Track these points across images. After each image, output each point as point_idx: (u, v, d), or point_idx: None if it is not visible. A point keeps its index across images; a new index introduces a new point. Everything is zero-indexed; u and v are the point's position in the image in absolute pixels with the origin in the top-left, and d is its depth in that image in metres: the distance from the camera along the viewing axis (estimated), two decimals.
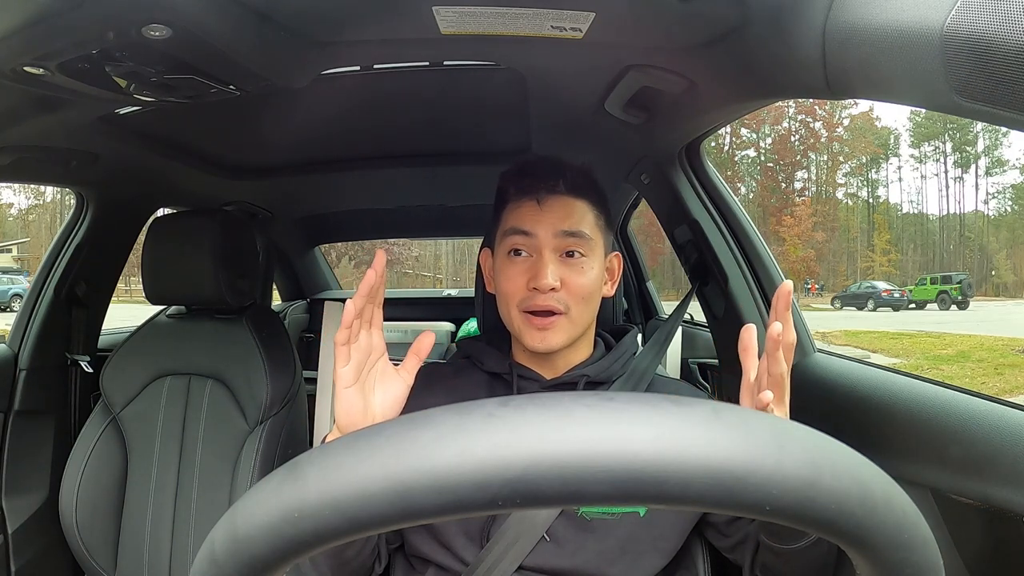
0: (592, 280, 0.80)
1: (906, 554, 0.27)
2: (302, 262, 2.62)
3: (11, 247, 30.39)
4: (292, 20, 0.71)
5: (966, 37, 0.43)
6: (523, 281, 0.78)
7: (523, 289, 0.78)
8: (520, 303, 0.79)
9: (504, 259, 0.81)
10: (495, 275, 0.84)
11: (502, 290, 0.81)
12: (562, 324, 0.78)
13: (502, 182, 0.85)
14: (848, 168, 44.42)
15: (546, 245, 0.78)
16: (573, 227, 0.79)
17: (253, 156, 1.43)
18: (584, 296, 0.79)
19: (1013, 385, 7.89)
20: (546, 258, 0.78)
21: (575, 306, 0.79)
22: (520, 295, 0.79)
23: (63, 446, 1.37)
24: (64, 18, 0.60)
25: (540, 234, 0.78)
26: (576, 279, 0.79)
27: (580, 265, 0.79)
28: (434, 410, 0.28)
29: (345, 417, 0.62)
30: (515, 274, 0.79)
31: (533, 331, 0.78)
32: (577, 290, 0.78)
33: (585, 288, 0.79)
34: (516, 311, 0.79)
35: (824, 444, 0.27)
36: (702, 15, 0.68)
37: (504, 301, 0.81)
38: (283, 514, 0.26)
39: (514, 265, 0.80)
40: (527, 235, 0.79)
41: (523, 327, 0.79)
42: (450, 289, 3.24)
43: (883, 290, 23.70)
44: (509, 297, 0.80)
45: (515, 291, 0.79)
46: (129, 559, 1.27)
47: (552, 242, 0.78)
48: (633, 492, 0.25)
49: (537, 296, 0.77)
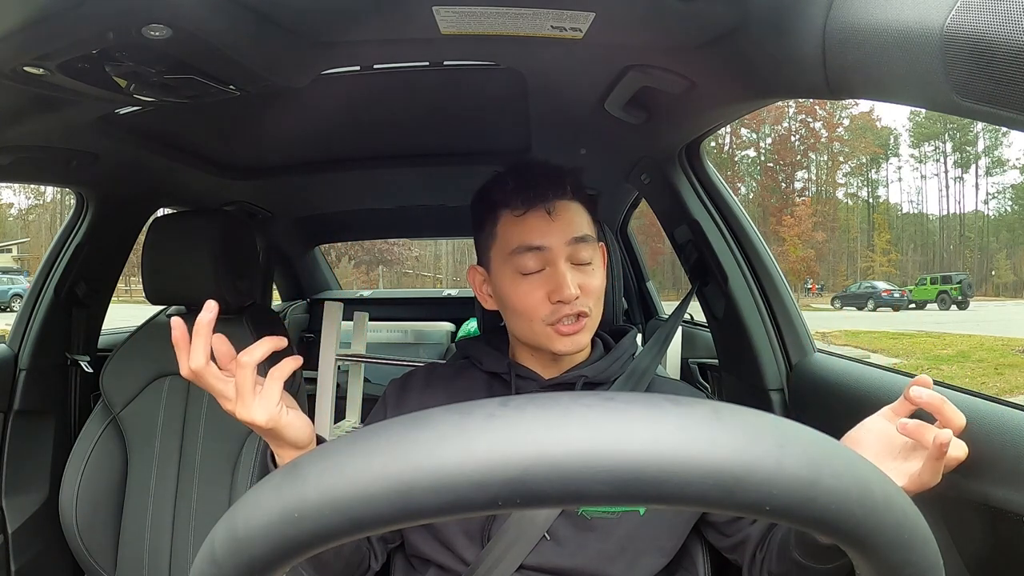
0: (602, 279, 0.80)
1: (906, 554, 0.27)
2: (302, 262, 2.62)
3: (11, 247, 30.39)
4: (292, 20, 0.71)
5: (966, 37, 0.43)
6: (542, 295, 0.77)
7: (545, 303, 0.77)
8: (546, 318, 0.77)
9: (513, 277, 0.78)
10: (502, 294, 0.80)
11: (519, 308, 0.78)
12: (587, 324, 0.79)
13: (498, 194, 0.80)
14: (848, 168, 44.45)
15: (560, 256, 0.77)
16: (580, 232, 0.78)
17: (253, 156, 1.43)
18: (599, 295, 0.80)
19: (1013, 385, 7.89)
20: (562, 268, 0.76)
21: (594, 306, 0.79)
22: (544, 310, 0.77)
23: (63, 446, 1.37)
24: (64, 18, 0.60)
25: (553, 246, 0.76)
26: (591, 282, 0.78)
27: (591, 267, 0.79)
28: (434, 410, 0.28)
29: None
30: (531, 290, 0.77)
31: (563, 337, 0.77)
32: (593, 292, 0.79)
33: (599, 288, 0.80)
34: (541, 326, 0.77)
35: (824, 444, 0.27)
36: (702, 15, 0.68)
37: (523, 318, 0.78)
38: (283, 514, 0.26)
39: (528, 282, 0.77)
40: (539, 250, 0.77)
41: (550, 336, 0.77)
42: (450, 289, 3.24)
43: (883, 290, 23.72)
44: (531, 313, 0.77)
45: (536, 306, 0.77)
46: (129, 559, 1.27)
47: (565, 251, 0.77)
48: (633, 492, 0.25)
49: (563, 308, 0.76)
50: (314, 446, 0.65)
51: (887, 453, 0.60)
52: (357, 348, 1.75)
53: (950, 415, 0.57)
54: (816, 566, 0.66)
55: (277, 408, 0.60)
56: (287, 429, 0.61)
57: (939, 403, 0.58)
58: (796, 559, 0.68)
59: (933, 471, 0.55)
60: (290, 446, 0.63)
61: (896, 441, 0.60)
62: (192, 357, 0.58)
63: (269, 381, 0.60)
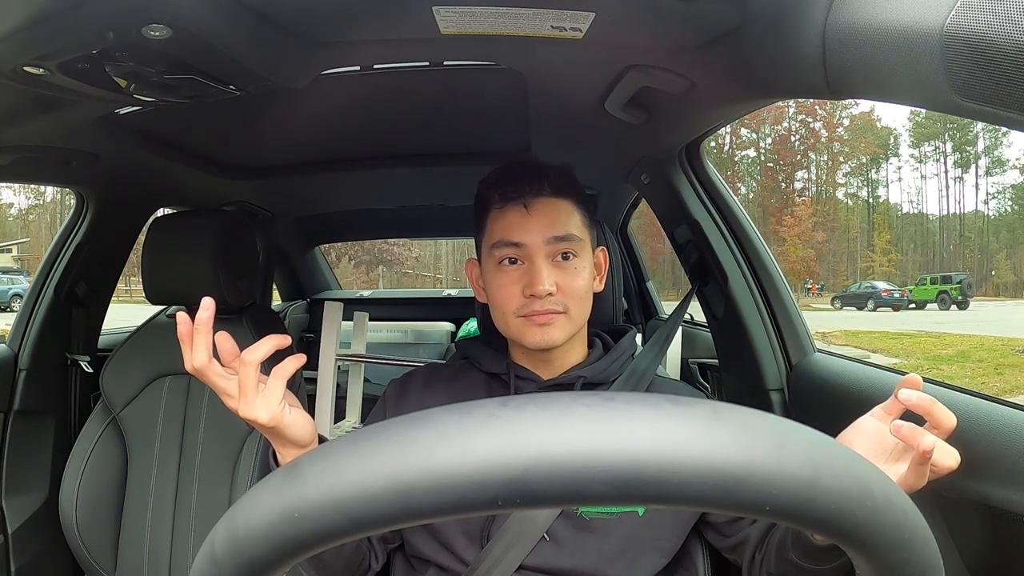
0: (587, 280, 0.80)
1: (906, 554, 0.27)
2: (302, 262, 2.62)
3: (11, 247, 30.39)
4: (292, 20, 0.71)
5: (966, 37, 0.43)
6: (517, 289, 0.78)
7: (518, 297, 0.78)
8: (517, 310, 0.78)
9: (495, 269, 0.80)
10: (486, 286, 0.83)
11: (495, 300, 0.80)
12: (562, 321, 0.78)
13: (483, 190, 0.82)
14: (848, 168, 44.45)
15: (538, 252, 0.77)
16: (562, 231, 0.78)
17: (253, 156, 1.43)
18: (581, 296, 0.79)
19: (1013, 385, 7.88)
20: (539, 264, 0.77)
21: (574, 306, 0.79)
22: (516, 303, 0.78)
23: (63, 446, 1.37)
24: (64, 18, 0.60)
25: (530, 242, 0.77)
26: (571, 281, 0.78)
27: (573, 266, 0.79)
28: (434, 410, 0.28)
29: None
30: (508, 282, 0.78)
31: (534, 328, 0.78)
32: (573, 291, 0.78)
33: (581, 288, 0.79)
34: (513, 318, 0.79)
35: (824, 444, 0.27)
36: (702, 15, 0.68)
37: (499, 310, 0.80)
38: (283, 514, 0.26)
39: (506, 274, 0.79)
40: (517, 246, 0.78)
41: (522, 328, 0.78)
42: (450, 289, 3.24)
43: (883, 290, 23.72)
44: (504, 305, 0.79)
45: (510, 299, 0.78)
46: (129, 559, 1.27)
47: (544, 249, 0.77)
48: (633, 492, 0.25)
49: (535, 302, 0.77)
50: (316, 445, 0.65)
51: (879, 453, 0.60)
52: (357, 348, 1.75)
53: (939, 416, 0.56)
54: (813, 567, 0.66)
55: (280, 407, 0.60)
56: (289, 428, 0.61)
57: (928, 404, 0.57)
58: (793, 560, 0.68)
59: (917, 475, 0.55)
60: (292, 445, 0.63)
61: (888, 441, 0.59)
62: (194, 355, 0.58)
63: (272, 380, 0.60)
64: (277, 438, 0.63)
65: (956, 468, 0.56)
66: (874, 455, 0.60)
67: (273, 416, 0.59)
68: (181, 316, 0.57)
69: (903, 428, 0.56)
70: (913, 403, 0.57)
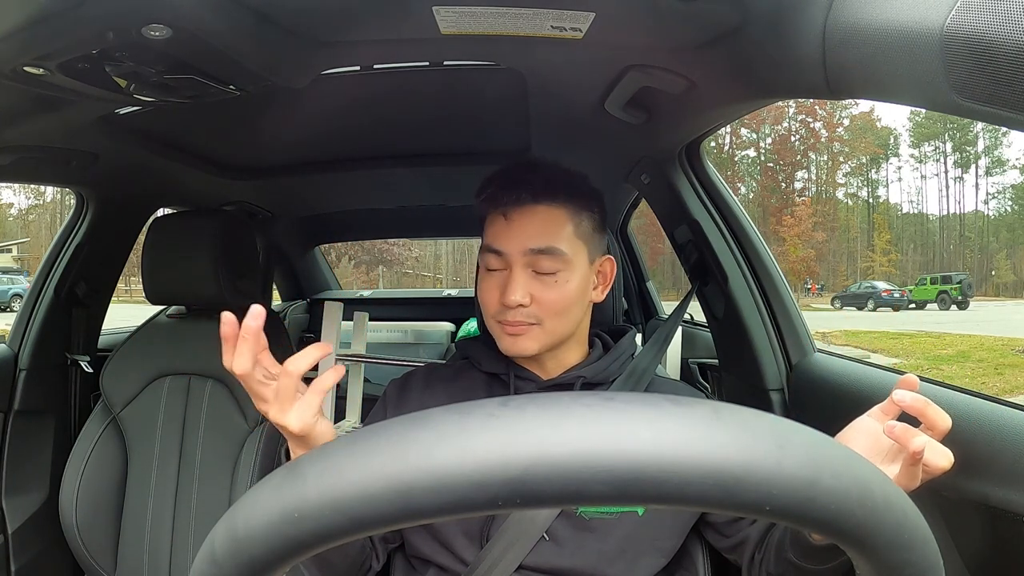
0: (569, 293, 0.77)
1: (906, 554, 0.27)
2: (302, 262, 2.62)
3: (11, 247, 30.39)
4: (292, 20, 0.71)
5: (966, 37, 0.43)
6: (496, 295, 0.78)
7: (496, 303, 0.78)
8: (495, 315, 0.79)
9: (482, 272, 0.82)
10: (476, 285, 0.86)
11: (480, 301, 0.83)
12: (535, 333, 0.78)
13: (477, 192, 0.82)
14: (848, 168, 44.45)
15: (516, 262, 0.77)
16: (543, 244, 0.76)
17: (253, 156, 1.43)
18: (558, 310, 0.77)
19: (1013, 385, 7.88)
20: (515, 275, 0.76)
21: (548, 319, 0.77)
22: (494, 308, 0.79)
23: (63, 446, 1.37)
24: (64, 18, 0.60)
25: (510, 251, 0.77)
26: (548, 294, 0.77)
27: (554, 280, 0.77)
28: (434, 410, 0.28)
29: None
30: (489, 287, 0.80)
31: (506, 336, 0.78)
32: (549, 305, 0.77)
33: (559, 303, 0.77)
34: (492, 321, 0.80)
35: (824, 444, 0.27)
36: (702, 15, 0.68)
37: (482, 312, 0.83)
38: (283, 514, 0.26)
39: (490, 279, 0.80)
40: (499, 254, 0.78)
41: (498, 333, 0.80)
42: (450, 289, 3.24)
43: (883, 290, 23.72)
44: (485, 308, 0.81)
45: (490, 303, 0.80)
46: (129, 559, 1.27)
47: (522, 259, 0.77)
48: (633, 492, 0.25)
49: (507, 312, 0.77)
50: None
51: (875, 454, 0.60)
52: (357, 348, 1.75)
53: (934, 417, 0.56)
54: (812, 567, 0.66)
55: (313, 419, 0.60)
56: (314, 438, 0.61)
57: (922, 406, 0.57)
58: (791, 560, 0.68)
59: (909, 476, 0.55)
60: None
61: (884, 442, 0.59)
62: (236, 361, 0.57)
63: (310, 393, 0.60)
64: (299, 443, 0.63)
65: (949, 468, 0.56)
66: (871, 455, 0.59)
67: (304, 427, 0.59)
68: (227, 317, 0.56)
69: (896, 428, 0.56)
70: (907, 404, 0.57)
